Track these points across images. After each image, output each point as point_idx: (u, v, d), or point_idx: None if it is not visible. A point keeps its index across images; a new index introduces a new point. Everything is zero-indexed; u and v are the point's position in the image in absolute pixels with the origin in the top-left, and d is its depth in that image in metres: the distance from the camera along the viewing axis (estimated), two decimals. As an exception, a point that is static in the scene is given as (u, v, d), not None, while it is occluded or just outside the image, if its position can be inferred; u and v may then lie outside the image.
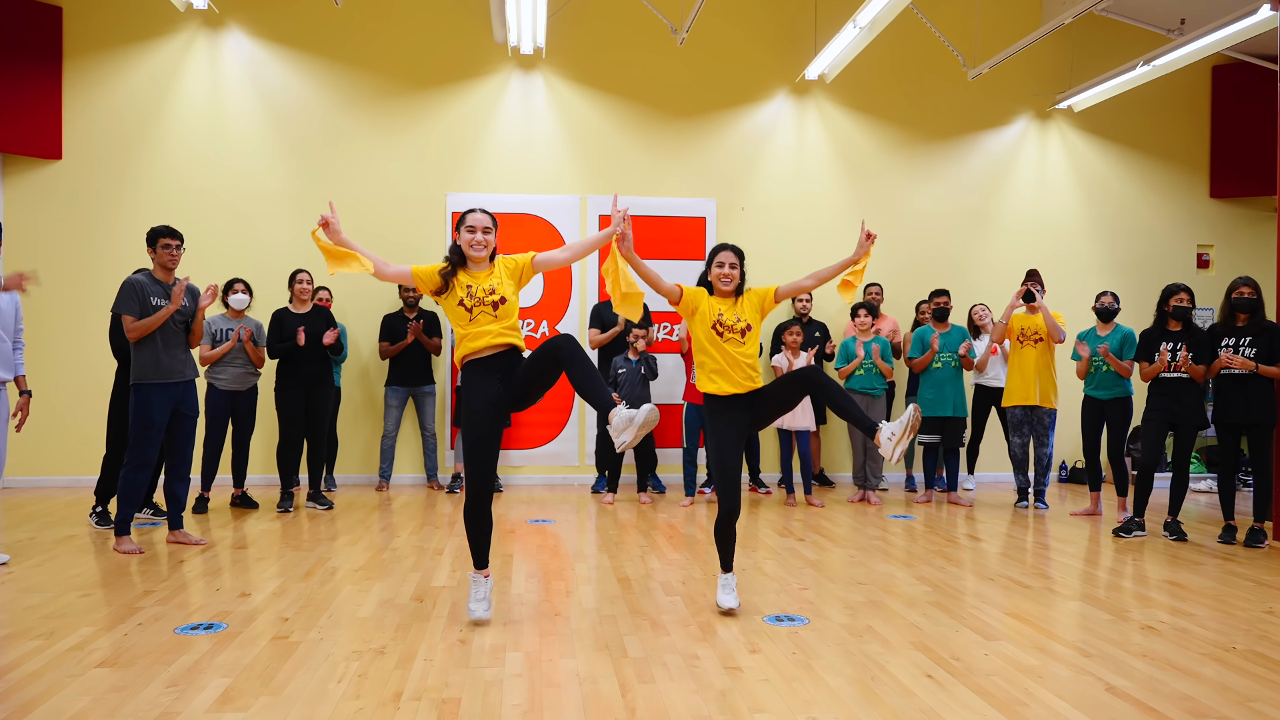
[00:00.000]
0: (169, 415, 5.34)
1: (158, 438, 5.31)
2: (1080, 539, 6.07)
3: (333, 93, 8.16)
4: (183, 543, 5.52)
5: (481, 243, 3.93)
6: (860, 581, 4.76)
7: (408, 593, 4.45)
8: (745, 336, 4.12)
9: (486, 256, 3.98)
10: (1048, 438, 7.23)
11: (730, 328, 4.12)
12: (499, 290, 3.89)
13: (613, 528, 6.28)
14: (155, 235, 5.38)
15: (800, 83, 8.63)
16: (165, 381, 5.30)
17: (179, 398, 5.37)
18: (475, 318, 3.87)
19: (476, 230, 3.94)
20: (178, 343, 5.37)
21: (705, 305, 4.19)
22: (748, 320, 4.16)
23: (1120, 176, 9.09)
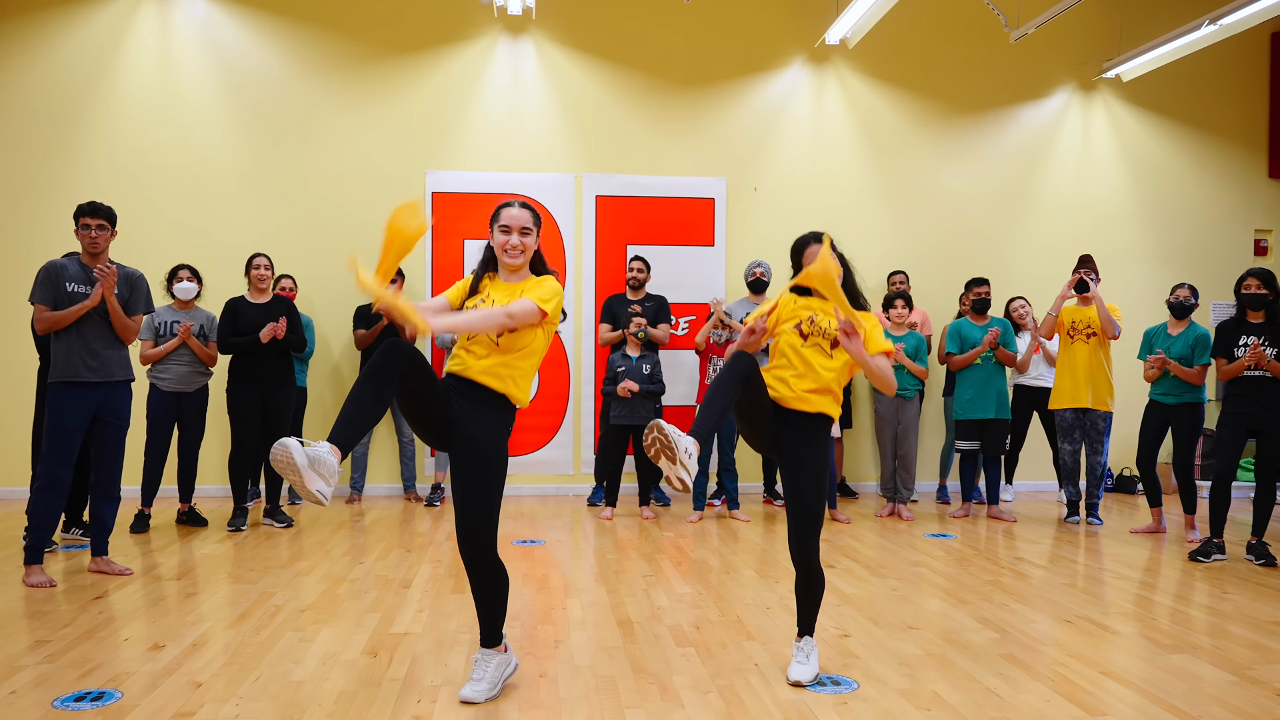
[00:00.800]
0: (87, 422, 4.51)
1: (70, 448, 4.47)
2: (1152, 564, 5.25)
3: (298, 59, 7.31)
4: (105, 572, 4.68)
5: (518, 247, 3.03)
6: (911, 625, 3.93)
7: (360, 643, 3.61)
8: (835, 352, 3.21)
9: (524, 265, 3.09)
10: (1102, 444, 6.41)
11: (822, 331, 3.22)
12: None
13: (612, 550, 5.45)
14: (77, 214, 4.55)
15: (819, 48, 7.77)
16: (82, 382, 4.46)
17: (99, 402, 4.54)
18: (471, 342, 3.01)
19: (513, 230, 3.04)
20: (99, 336, 4.53)
21: (789, 308, 3.32)
22: (828, 329, 3.23)
23: (1171, 154, 8.24)
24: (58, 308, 4.42)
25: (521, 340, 2.98)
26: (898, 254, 7.78)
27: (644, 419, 6.43)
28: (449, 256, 7.35)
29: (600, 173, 7.56)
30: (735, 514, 6.50)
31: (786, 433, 3.20)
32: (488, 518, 2.99)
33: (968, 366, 6.51)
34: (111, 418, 4.57)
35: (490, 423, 2.98)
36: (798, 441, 3.18)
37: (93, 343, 4.48)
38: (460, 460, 2.97)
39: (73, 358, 4.44)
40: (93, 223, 4.51)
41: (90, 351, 4.47)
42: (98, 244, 4.52)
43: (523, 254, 3.05)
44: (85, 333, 4.46)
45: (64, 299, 4.44)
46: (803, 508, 3.18)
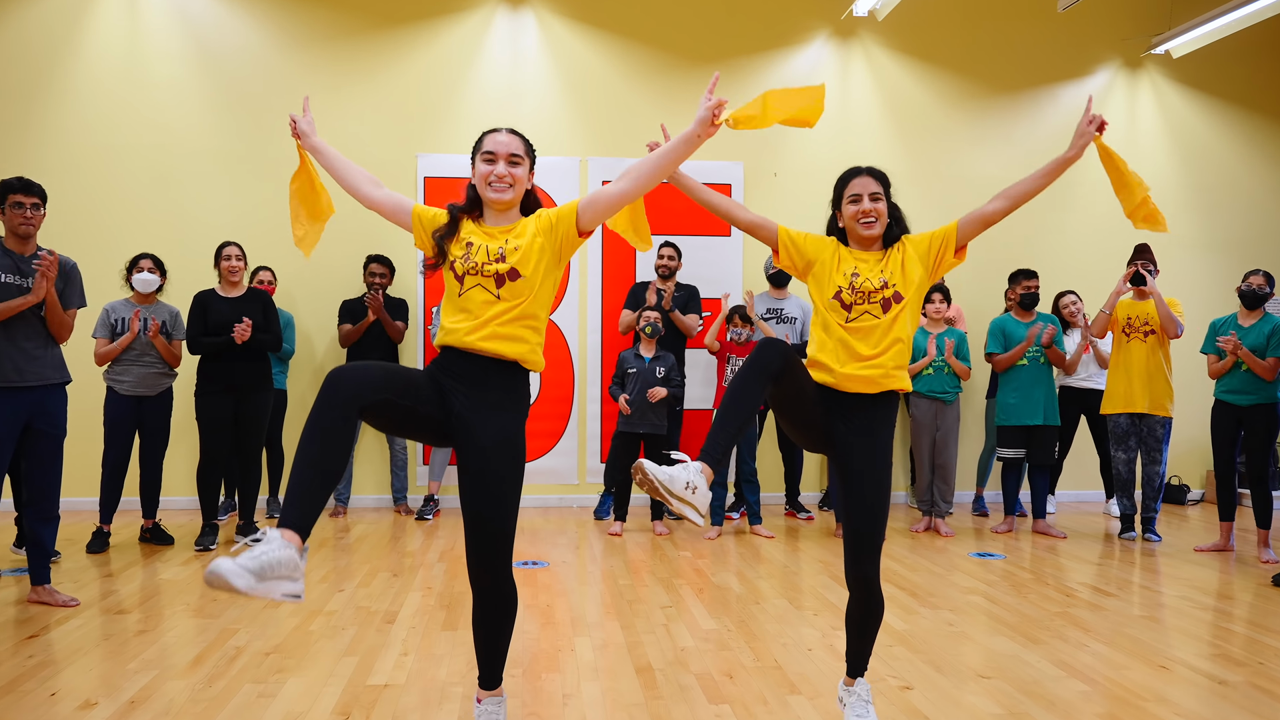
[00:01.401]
0: (16, 431, 3.92)
1: (2, 460, 3.89)
2: (1233, 591, 4.66)
3: (278, 31, 6.71)
4: (47, 603, 4.09)
5: (505, 178, 2.49)
6: (982, 674, 3.34)
7: (330, 700, 3.02)
8: (888, 313, 2.62)
9: (513, 203, 2.55)
10: (1160, 453, 5.82)
11: (866, 295, 2.63)
12: (512, 257, 2.46)
13: (624, 574, 4.86)
14: (4, 190, 3.96)
15: (845, 21, 7.17)
16: (10, 385, 3.88)
17: (33, 409, 3.95)
18: (466, 291, 2.44)
19: (499, 158, 2.50)
20: (30, 334, 3.95)
21: (829, 259, 2.73)
22: (897, 285, 2.65)
23: (1224, 138, 7.64)
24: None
25: (530, 287, 2.44)
26: (929, 245, 7.18)
27: (656, 426, 5.85)
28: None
29: (607, 156, 6.96)
30: (757, 529, 5.91)
31: (840, 424, 2.62)
32: (506, 536, 2.43)
33: (1013, 368, 5.93)
34: (47, 425, 3.99)
35: (503, 413, 2.43)
36: (854, 433, 2.61)
37: (23, 342, 3.91)
38: (469, 465, 2.39)
39: (1, 359, 3.85)
40: (27, 201, 3.94)
41: (21, 351, 3.89)
42: (31, 225, 3.94)
43: (511, 187, 2.49)
44: (14, 331, 3.88)
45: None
46: (865, 516, 2.60)
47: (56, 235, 6.28)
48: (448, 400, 2.39)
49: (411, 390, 2.30)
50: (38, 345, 3.97)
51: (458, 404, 2.39)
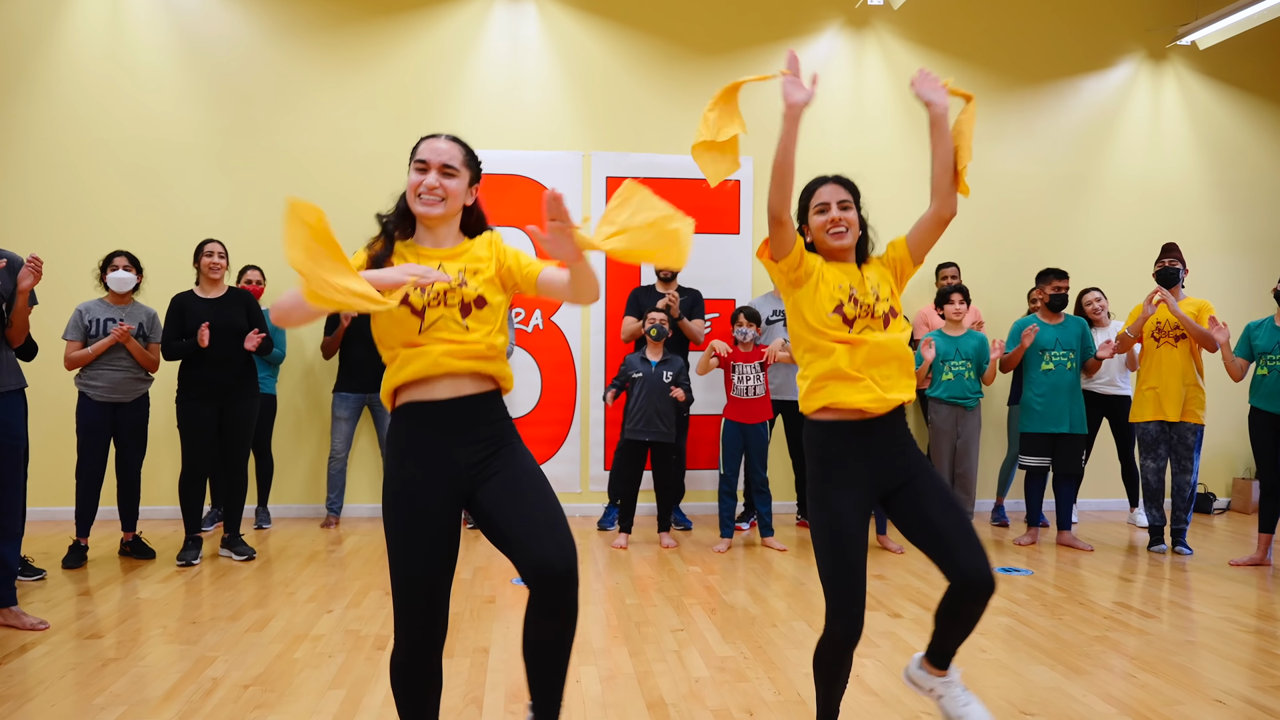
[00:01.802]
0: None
1: None
2: (1271, 607, 4.38)
3: (269, 20, 6.43)
4: (14, 626, 3.82)
5: (435, 190, 2.18)
6: (1024, 710, 3.06)
7: (313, 741, 2.75)
8: (889, 329, 2.43)
9: (444, 219, 2.24)
10: (1191, 461, 5.55)
11: (869, 309, 2.42)
12: (474, 280, 2.19)
13: (630, 592, 4.58)
14: None
15: (859, 10, 6.89)
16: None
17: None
18: (428, 328, 2.12)
19: (430, 168, 2.19)
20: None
21: (818, 267, 2.50)
22: (892, 302, 2.48)
23: (1252, 132, 7.36)
24: None
25: (495, 314, 2.19)
26: (946, 244, 6.87)
27: (663, 433, 5.58)
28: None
29: (611, 151, 6.68)
30: (769, 541, 5.63)
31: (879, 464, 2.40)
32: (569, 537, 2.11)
33: (1040, 372, 5.65)
34: (5, 436, 3.71)
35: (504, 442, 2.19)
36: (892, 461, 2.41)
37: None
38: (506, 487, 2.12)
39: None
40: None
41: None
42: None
43: (442, 201, 2.18)
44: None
45: None
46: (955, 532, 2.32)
47: (34, 231, 6.02)
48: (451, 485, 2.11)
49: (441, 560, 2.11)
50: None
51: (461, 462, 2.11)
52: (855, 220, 2.51)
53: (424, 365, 2.09)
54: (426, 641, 2.08)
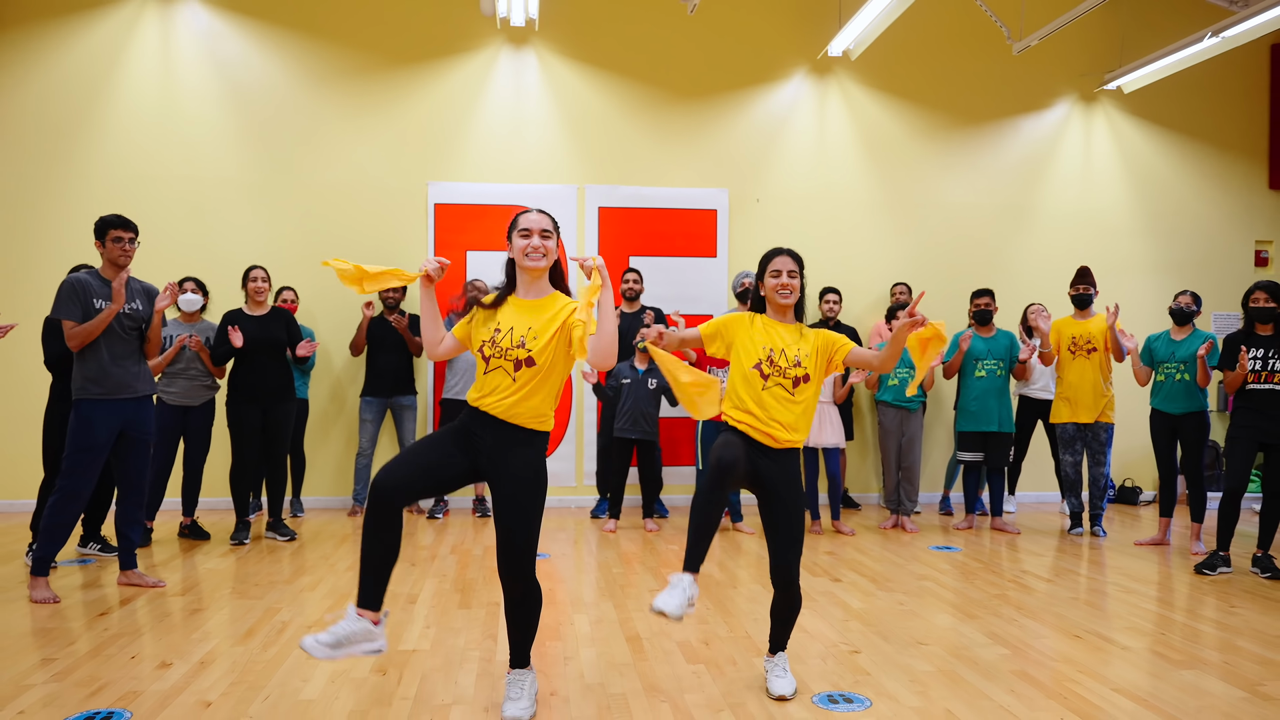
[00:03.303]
0: (114, 437, 4.50)
1: (97, 463, 4.46)
2: (1158, 577, 5.24)
3: (300, 69, 7.31)
4: (136, 584, 4.69)
5: (539, 249, 2.94)
6: (921, 641, 3.92)
7: (368, 661, 3.59)
8: (796, 390, 3.19)
9: (545, 270, 3.00)
10: (1104, 456, 6.42)
11: (782, 371, 3.19)
12: (531, 344, 2.88)
13: (616, 563, 5.43)
14: (105, 226, 4.52)
15: (822, 60, 7.79)
16: (111, 397, 4.46)
17: (129, 417, 4.53)
18: (490, 371, 2.93)
19: (533, 233, 2.95)
20: (128, 352, 4.54)
21: (744, 336, 3.28)
22: (808, 367, 3.21)
23: (1172, 166, 8.27)
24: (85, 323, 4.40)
25: (542, 372, 2.90)
26: (900, 266, 7.80)
27: (647, 432, 6.42)
28: (453, 269, 7.34)
29: (603, 184, 7.56)
30: (739, 526, 6.48)
31: (761, 465, 3.17)
32: (532, 545, 2.94)
33: (973, 379, 6.52)
34: (140, 432, 4.58)
35: (524, 450, 2.93)
36: (772, 476, 3.17)
37: (122, 359, 4.50)
38: (500, 493, 2.91)
39: (105, 374, 4.44)
40: (125, 235, 4.51)
41: (120, 367, 4.49)
42: (129, 255, 4.52)
43: (545, 256, 2.96)
44: (114, 348, 4.46)
45: (92, 313, 4.41)
46: (785, 538, 3.16)
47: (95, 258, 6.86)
48: (475, 445, 2.92)
49: (442, 465, 2.87)
50: (133, 360, 4.56)
51: (485, 445, 2.92)
52: (798, 285, 3.31)
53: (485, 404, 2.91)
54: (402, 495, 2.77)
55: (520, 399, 2.89)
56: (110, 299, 4.45)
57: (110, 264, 4.52)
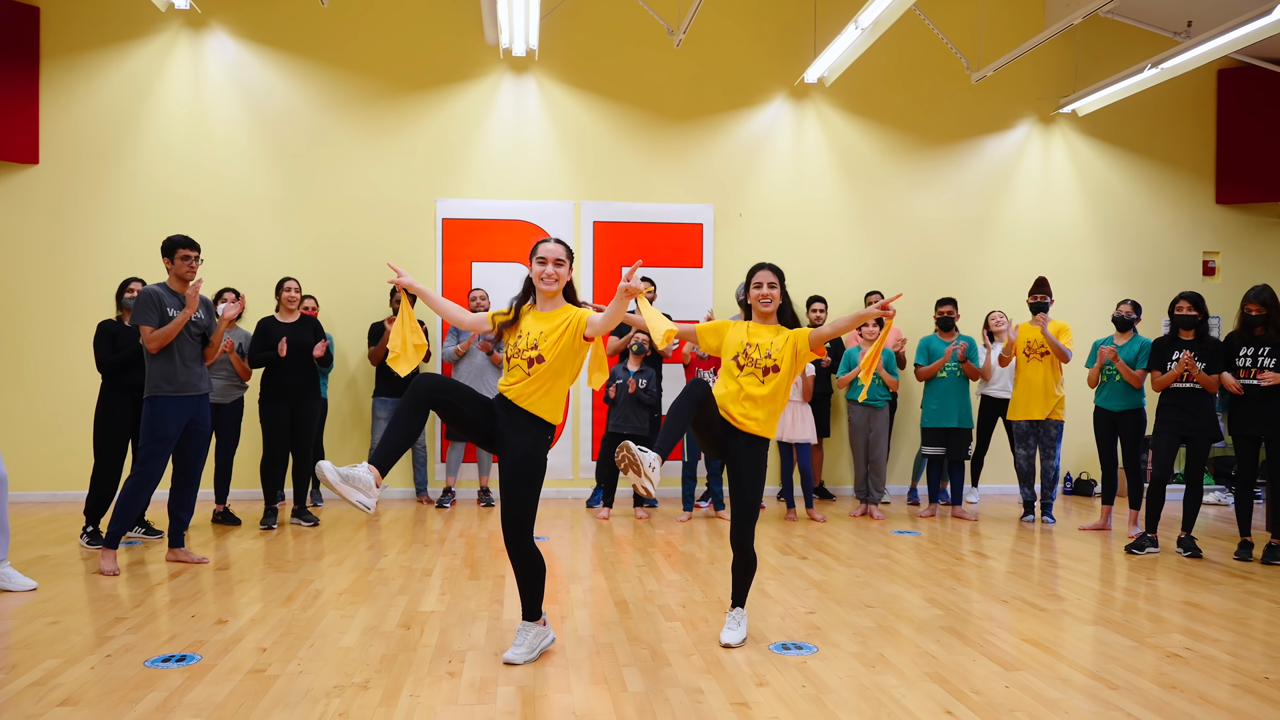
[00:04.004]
0: (183, 429, 5.13)
1: (168, 452, 5.11)
2: (1091, 556, 5.87)
3: (319, 95, 7.95)
4: (183, 561, 5.32)
5: (553, 275, 3.56)
6: (868, 604, 4.55)
7: (394, 619, 4.22)
8: (766, 379, 3.80)
9: (559, 291, 3.62)
10: (1054, 449, 7.05)
11: (754, 362, 3.82)
12: (542, 344, 3.50)
13: (609, 545, 6.06)
14: (173, 245, 5.17)
15: (799, 86, 8.44)
16: (181, 394, 5.10)
17: (193, 412, 5.18)
18: (510, 370, 3.59)
19: (548, 261, 3.57)
20: (194, 355, 5.20)
21: (732, 335, 3.92)
22: (778, 358, 3.82)
23: (1125, 182, 8.92)
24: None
25: (551, 369, 3.52)
26: (873, 275, 8.44)
27: (638, 428, 7.05)
28: (458, 278, 7.97)
29: (597, 200, 8.19)
30: (721, 514, 7.11)
31: (731, 442, 3.82)
32: (523, 514, 3.55)
33: (935, 379, 7.15)
34: (203, 426, 5.23)
35: (526, 436, 3.53)
36: (740, 451, 3.82)
37: (190, 361, 5.13)
38: (503, 465, 3.54)
39: (176, 374, 5.06)
40: (192, 254, 5.18)
41: (188, 368, 5.12)
42: (194, 271, 5.17)
43: (557, 281, 3.59)
44: (183, 351, 5.09)
45: (166, 322, 5.04)
46: (744, 502, 3.81)
47: (129, 269, 7.49)
48: (497, 419, 3.56)
49: (473, 404, 3.49)
50: (198, 362, 5.20)
51: (501, 423, 3.56)
52: (778, 295, 3.93)
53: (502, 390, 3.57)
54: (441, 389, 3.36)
55: (532, 389, 3.52)
56: (179, 308, 5.09)
57: (177, 278, 5.15)
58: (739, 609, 3.95)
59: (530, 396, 3.53)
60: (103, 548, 5.08)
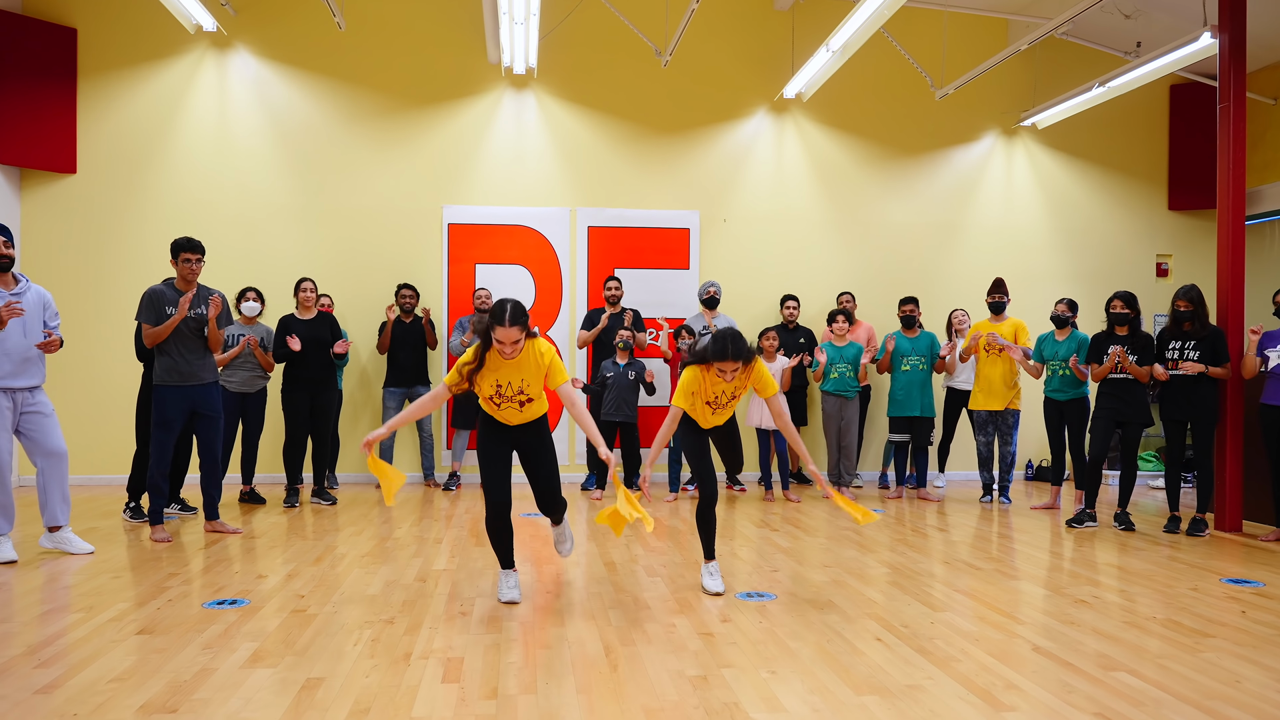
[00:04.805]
0: (185, 416, 5.74)
1: (171, 436, 5.70)
2: (1037, 530, 6.51)
3: (334, 110, 8.58)
4: (220, 531, 5.94)
5: (511, 353, 4.05)
6: (828, 565, 5.19)
7: (411, 575, 4.86)
8: (726, 406, 4.57)
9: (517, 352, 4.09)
10: (1011, 436, 7.68)
11: (723, 405, 4.56)
12: (529, 391, 4.20)
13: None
14: (177, 248, 5.75)
15: (779, 101, 9.09)
16: (183, 385, 5.69)
17: (196, 400, 5.77)
18: (501, 408, 4.25)
19: (505, 345, 4.01)
20: (194, 348, 5.76)
21: (701, 389, 4.48)
22: (735, 394, 4.51)
23: (1083, 190, 9.57)
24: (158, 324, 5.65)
25: (538, 398, 4.28)
26: (848, 277, 9.09)
27: (629, 416, 7.68)
28: (463, 279, 8.61)
29: (592, 206, 8.83)
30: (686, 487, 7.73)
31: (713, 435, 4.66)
32: (558, 478, 4.46)
33: (900, 372, 7.79)
34: (208, 410, 5.81)
35: (540, 432, 4.40)
36: (717, 433, 4.67)
37: (188, 353, 5.68)
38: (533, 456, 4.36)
39: (174, 366, 5.65)
40: (193, 257, 5.73)
41: (186, 360, 5.67)
42: (196, 273, 5.75)
43: (516, 352, 4.05)
44: (181, 345, 5.67)
45: (165, 319, 5.64)
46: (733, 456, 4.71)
47: (160, 272, 8.12)
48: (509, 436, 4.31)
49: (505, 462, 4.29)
50: (198, 355, 5.79)
51: (515, 434, 4.32)
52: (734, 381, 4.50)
53: (497, 418, 4.29)
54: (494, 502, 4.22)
55: (529, 412, 4.30)
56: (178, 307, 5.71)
57: (181, 278, 5.76)
58: (713, 561, 4.60)
59: (529, 415, 4.32)
60: (151, 525, 5.71)
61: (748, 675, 3.33)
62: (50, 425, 5.31)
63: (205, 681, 3.22)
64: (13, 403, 5.16)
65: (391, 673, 3.32)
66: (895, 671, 3.38)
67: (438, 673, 3.33)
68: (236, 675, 3.28)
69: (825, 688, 3.21)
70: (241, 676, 3.27)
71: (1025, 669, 3.41)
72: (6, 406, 5.12)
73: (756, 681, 3.26)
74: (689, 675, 3.32)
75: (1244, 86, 6.56)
